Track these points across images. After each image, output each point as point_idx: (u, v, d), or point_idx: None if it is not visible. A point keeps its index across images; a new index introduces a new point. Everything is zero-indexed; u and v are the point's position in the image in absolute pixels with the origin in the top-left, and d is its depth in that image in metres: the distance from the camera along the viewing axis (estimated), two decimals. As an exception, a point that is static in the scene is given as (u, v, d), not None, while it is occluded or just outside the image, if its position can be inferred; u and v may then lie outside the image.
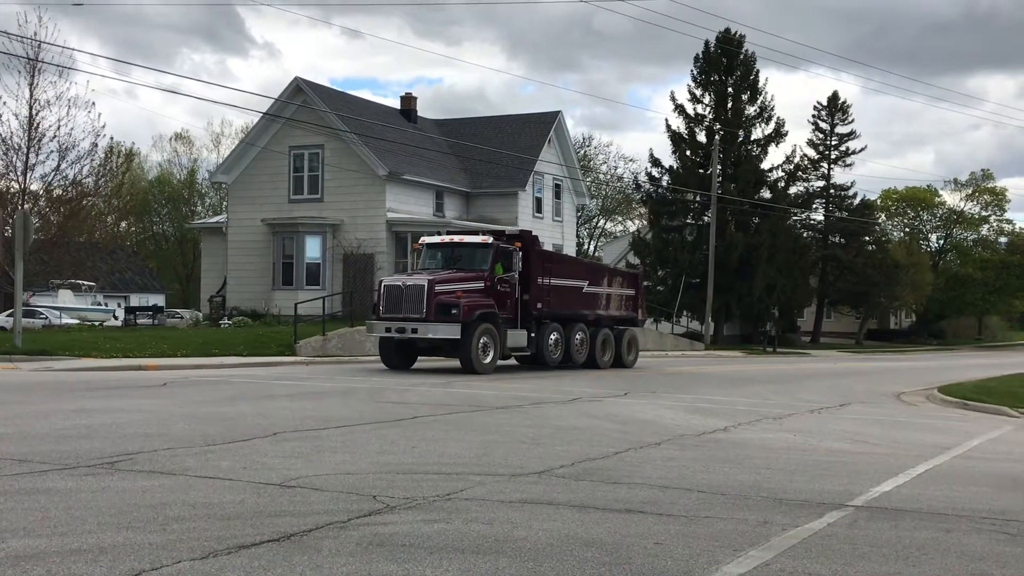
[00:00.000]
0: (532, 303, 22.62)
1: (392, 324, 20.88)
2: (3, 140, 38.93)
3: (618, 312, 26.77)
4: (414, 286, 20.89)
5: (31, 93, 38.52)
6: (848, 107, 68.07)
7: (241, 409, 12.51)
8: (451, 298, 20.57)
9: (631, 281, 28.32)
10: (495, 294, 21.63)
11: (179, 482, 7.12)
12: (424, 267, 22.61)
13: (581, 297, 24.93)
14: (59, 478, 7.15)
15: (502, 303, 21.82)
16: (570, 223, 50.13)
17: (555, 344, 23.45)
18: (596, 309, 25.59)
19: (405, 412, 12.60)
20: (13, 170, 39.26)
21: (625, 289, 27.50)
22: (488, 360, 21.00)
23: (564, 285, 24.09)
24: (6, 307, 37.52)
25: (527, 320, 22.62)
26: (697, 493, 7.40)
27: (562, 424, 11.92)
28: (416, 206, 40.42)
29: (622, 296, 27.17)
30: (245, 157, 41.68)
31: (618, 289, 27.07)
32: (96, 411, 11.72)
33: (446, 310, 20.41)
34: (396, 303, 20.96)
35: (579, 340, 24.38)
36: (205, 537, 5.48)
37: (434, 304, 20.45)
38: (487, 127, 47.49)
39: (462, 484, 7.38)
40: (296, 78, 40.65)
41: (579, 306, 24.78)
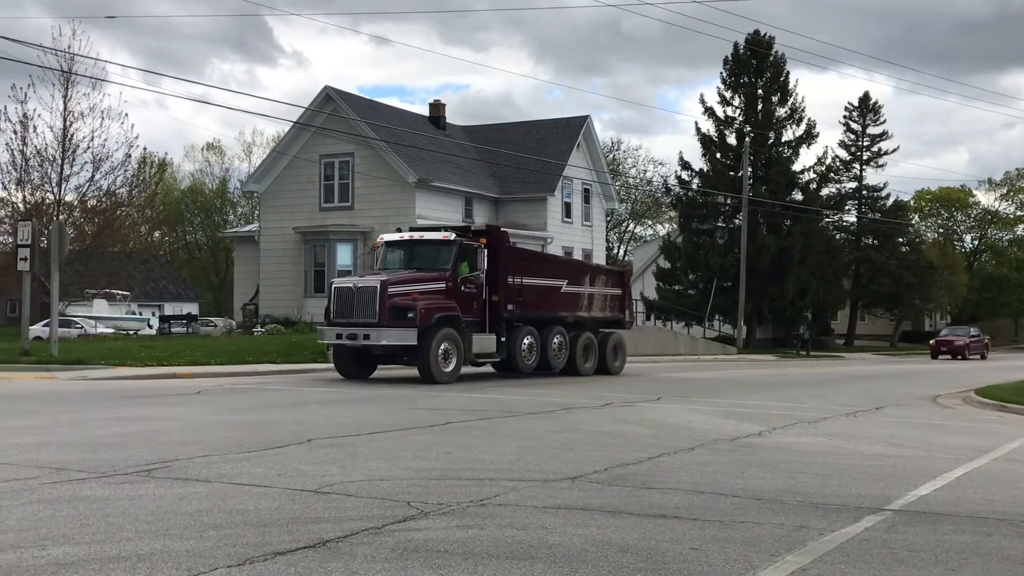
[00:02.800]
0: (502, 305, 20.83)
1: (343, 330, 19.24)
2: (38, 152, 39.54)
3: (602, 314, 24.82)
4: (366, 288, 19.18)
5: (65, 105, 39.12)
6: (880, 107, 67.66)
7: (275, 416, 12.59)
8: (406, 300, 18.89)
9: (617, 280, 26.04)
10: (459, 296, 19.90)
11: (215, 489, 7.17)
12: (384, 267, 20.90)
13: (559, 298, 23.06)
14: (97, 486, 7.22)
15: (467, 305, 20.04)
16: (599, 228, 50.07)
17: (528, 349, 21.66)
18: (576, 311, 23.69)
19: (437, 418, 12.62)
20: (48, 181, 39.86)
21: (610, 289, 25.28)
22: (450, 368, 19.22)
23: (539, 285, 22.35)
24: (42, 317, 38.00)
25: (496, 323, 20.82)
26: (732, 498, 7.36)
27: (594, 429, 11.89)
28: (445, 213, 40.52)
29: (606, 296, 25.04)
30: (276, 166, 42.01)
31: (602, 289, 24.94)
32: (132, 419, 11.84)
33: (401, 314, 18.75)
34: (347, 307, 19.32)
35: (557, 344, 22.55)
36: (242, 544, 5.51)
37: (387, 307, 18.75)
38: (515, 133, 47.57)
39: (495, 490, 7.38)
40: (326, 87, 40.93)
41: (557, 307, 22.99)
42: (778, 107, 54.77)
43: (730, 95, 54.83)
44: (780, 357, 45.79)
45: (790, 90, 54.97)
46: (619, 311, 25.43)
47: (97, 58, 53.94)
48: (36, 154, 39.52)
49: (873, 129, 67.48)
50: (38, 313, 36.80)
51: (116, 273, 45.22)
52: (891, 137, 67.86)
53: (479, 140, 46.25)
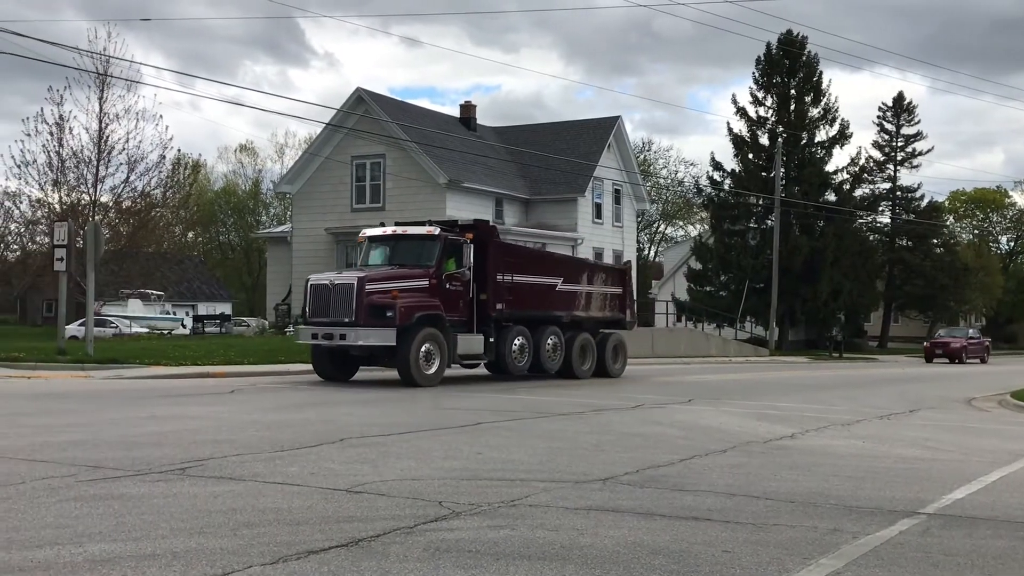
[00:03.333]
0: (490, 303, 19.73)
1: (319, 329, 18.35)
2: (74, 153, 40.01)
3: (601, 313, 23.52)
4: (343, 285, 18.24)
5: (101, 107, 39.56)
6: (914, 107, 67.03)
7: (307, 415, 12.67)
8: (385, 299, 17.85)
9: (617, 278, 24.59)
10: (443, 293, 18.85)
11: (249, 488, 7.23)
12: (367, 263, 19.94)
13: (554, 296, 21.87)
14: (132, 484, 7.30)
15: (452, 304, 19.02)
16: (630, 228, 49.95)
17: (520, 350, 20.46)
18: (573, 310, 22.44)
19: (468, 418, 12.64)
20: (84, 183, 40.34)
21: (610, 287, 23.92)
22: (432, 371, 18.21)
23: (531, 283, 21.14)
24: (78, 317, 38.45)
25: (484, 323, 19.77)
26: (765, 500, 7.31)
27: (625, 431, 11.86)
28: (476, 213, 40.52)
29: (606, 295, 23.70)
30: (308, 167, 42.29)
31: (601, 287, 23.58)
32: (166, 418, 11.95)
33: (379, 312, 17.77)
34: (323, 305, 18.39)
35: (551, 345, 21.40)
36: (275, 542, 5.55)
37: (365, 305, 17.78)
38: (546, 133, 47.58)
39: (527, 490, 7.38)
40: (358, 88, 41.13)
41: (551, 307, 21.79)
42: (811, 107, 54.39)
43: (762, 95, 54.53)
44: (812, 359, 45.43)
45: (823, 90, 54.59)
46: (619, 311, 24.23)
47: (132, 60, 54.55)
48: (72, 155, 40.00)
49: (907, 129, 66.89)
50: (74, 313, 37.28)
51: (150, 273, 45.67)
52: (925, 137, 67.26)
53: (509, 141, 46.30)
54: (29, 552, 5.23)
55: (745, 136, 54.58)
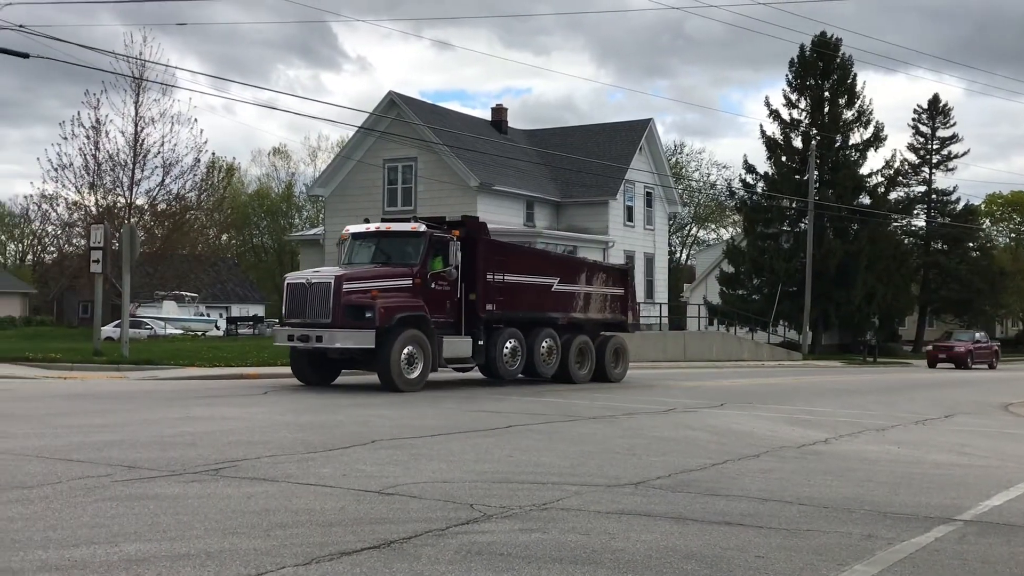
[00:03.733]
0: (480, 304, 18.79)
1: (295, 331, 17.42)
2: (110, 156, 40.48)
3: (600, 315, 22.43)
4: (319, 284, 17.33)
5: (136, 111, 40.00)
6: (950, 110, 66.28)
7: (339, 417, 12.73)
8: (364, 298, 16.98)
9: (618, 278, 23.46)
10: (428, 293, 17.92)
11: (282, 489, 7.27)
12: (350, 262, 19.01)
13: (549, 297, 20.86)
14: (167, 484, 7.36)
15: (438, 304, 18.13)
16: (662, 231, 49.78)
17: (512, 353, 19.53)
18: (570, 311, 21.39)
19: (499, 421, 12.65)
20: (120, 185, 40.79)
21: (610, 288, 22.85)
22: (415, 375, 17.27)
23: (524, 282, 20.12)
24: (114, 318, 38.89)
25: (473, 325, 18.85)
26: (798, 506, 7.26)
27: (657, 435, 11.82)
28: (507, 216, 40.64)
29: (606, 296, 22.65)
30: (341, 170, 42.52)
31: (601, 288, 22.52)
32: (200, 419, 12.05)
33: (358, 313, 16.91)
34: (300, 305, 17.48)
35: (546, 348, 20.36)
36: (308, 543, 5.58)
37: (342, 306, 16.92)
38: (577, 136, 47.53)
39: (558, 494, 7.38)
40: (390, 92, 41.30)
41: (546, 308, 20.79)
42: (845, 110, 53.98)
43: (796, 97, 54.18)
44: (846, 363, 45.05)
45: (857, 92, 54.16)
46: (621, 312, 23.15)
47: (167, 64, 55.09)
48: (108, 159, 40.47)
49: (943, 132, 66.18)
50: (109, 314, 37.68)
51: (185, 275, 46.11)
52: (961, 140, 66.52)
53: (541, 144, 46.30)
54: (66, 551, 5.29)
55: (778, 139, 54.24)
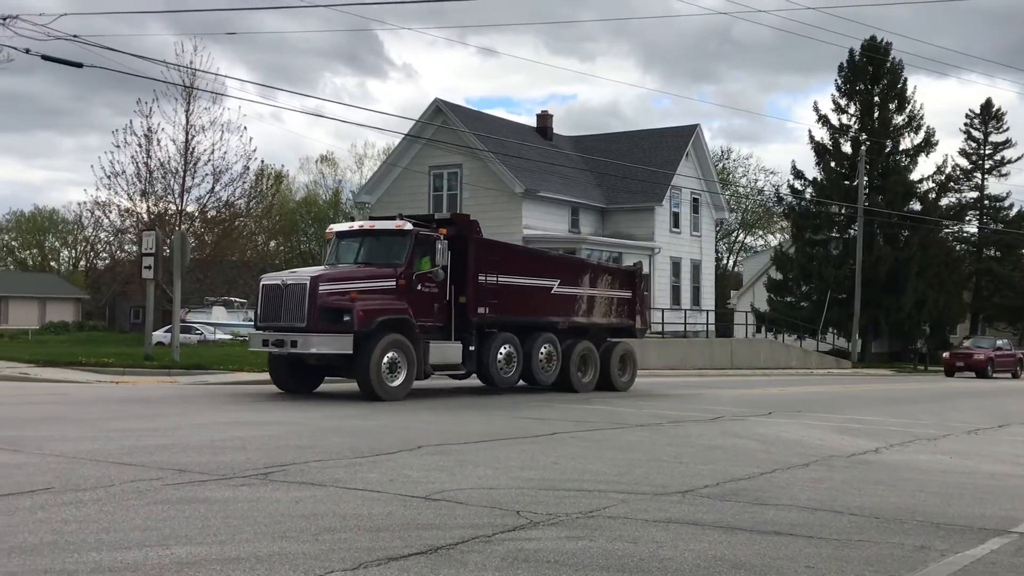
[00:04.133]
0: (471, 307, 17.78)
1: (270, 335, 16.44)
2: (162, 164, 41.08)
3: (606, 320, 21.31)
4: (295, 285, 16.37)
5: (187, 119, 40.55)
6: (1003, 114, 65.09)
7: (385, 422, 12.79)
8: (341, 301, 15.99)
9: (625, 281, 22.17)
10: (413, 296, 16.92)
11: (329, 493, 7.32)
12: (334, 262, 18.21)
13: (548, 300, 19.73)
14: (217, 488, 7.45)
15: (424, 308, 17.14)
16: (708, 237, 49.47)
17: (506, 360, 18.47)
18: (571, 315, 20.27)
19: (544, 428, 12.64)
20: (171, 193, 41.38)
21: (616, 291, 21.65)
22: (397, 383, 16.31)
23: (521, 284, 19.07)
24: (164, 323, 39.42)
25: (464, 329, 17.83)
26: (849, 516, 7.16)
27: (704, 443, 11.73)
28: (552, 222, 40.64)
29: (612, 300, 21.47)
30: (387, 177, 42.80)
31: (606, 291, 21.34)
32: (249, 423, 12.18)
33: (335, 316, 15.95)
34: (275, 308, 16.54)
35: (544, 355, 19.34)
36: (355, 548, 5.61)
37: (318, 308, 15.92)
38: (623, 142, 47.41)
39: (605, 502, 7.35)
40: (436, 99, 41.51)
41: (545, 312, 19.66)
42: (895, 115, 53.28)
43: (845, 103, 53.60)
44: (896, 371, 44.43)
45: (908, 97, 53.44)
46: (628, 317, 21.96)
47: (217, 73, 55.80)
48: (160, 166, 41.07)
49: (996, 136, 65.01)
50: (160, 319, 38.23)
51: (234, 281, 46.64)
52: (1015, 145, 65.24)
53: (586, 150, 46.25)
54: (119, 553, 5.37)
55: (827, 144, 53.68)
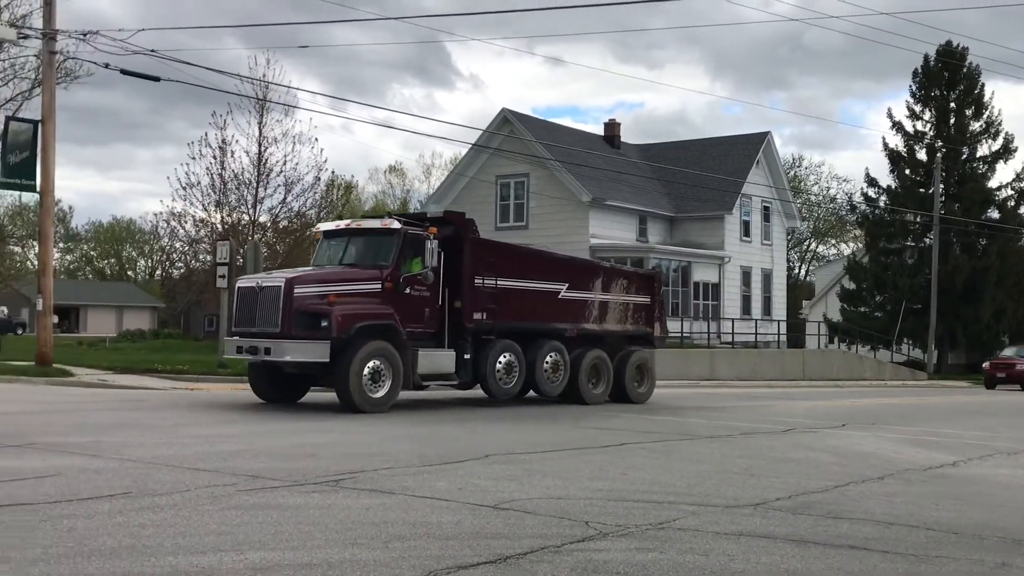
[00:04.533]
0: (466, 313, 16.60)
1: (244, 341, 15.40)
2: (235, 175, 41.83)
3: (620, 327, 19.83)
4: (270, 288, 15.25)
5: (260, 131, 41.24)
6: (1087, 118, 63.16)
7: (455, 431, 12.86)
8: (318, 305, 14.83)
9: (643, 286, 20.64)
10: (401, 300, 15.72)
11: (399, 501, 7.38)
12: (320, 264, 17.21)
13: (555, 305, 18.43)
14: (289, 494, 7.55)
15: (414, 313, 15.95)
16: (780, 246, 48.82)
17: (506, 369, 17.20)
18: (581, 322, 18.89)
19: (611, 439, 12.58)
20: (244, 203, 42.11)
21: (634, 296, 20.18)
22: (380, 393, 15.13)
23: (522, 288, 17.78)
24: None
25: (459, 336, 16.65)
26: (925, 531, 7.01)
27: (776, 455, 11.57)
28: (619, 231, 40.48)
29: (627, 306, 19.99)
30: (454, 187, 43.05)
31: (621, 296, 19.84)
32: (320, 431, 12.34)
33: (311, 321, 14.76)
34: (249, 312, 15.45)
35: (550, 364, 18.00)
36: (425, 556, 5.65)
37: (293, 313, 14.77)
38: (691, 150, 47.03)
39: (674, 513, 7.29)
40: (503, 109, 41.66)
41: (552, 318, 18.35)
42: (972, 121, 52.04)
43: (920, 109, 52.53)
44: (974, 384, 43.28)
45: (985, 103, 52.16)
46: (646, 324, 20.47)
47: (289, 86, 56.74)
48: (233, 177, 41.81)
49: (1079, 142, 63.14)
50: (233, 328, 38.78)
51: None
52: (1098, 150, 63.24)
53: (654, 158, 45.99)
54: (194, 557, 5.48)
55: (901, 151, 52.65)
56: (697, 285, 41.06)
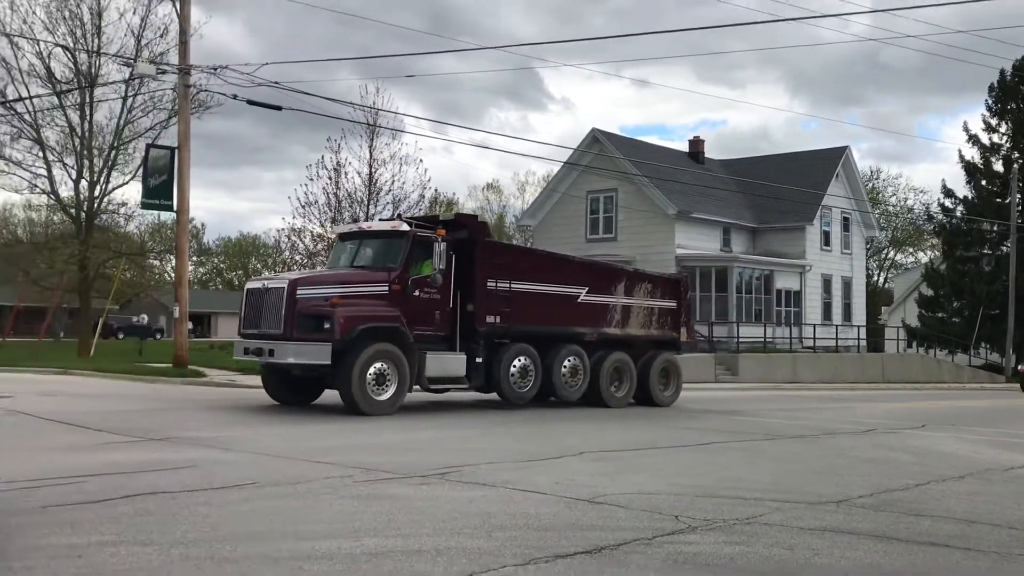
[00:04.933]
0: (478, 316, 15.57)
1: (250, 343, 14.63)
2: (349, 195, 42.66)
3: (643, 331, 18.41)
4: (275, 290, 14.42)
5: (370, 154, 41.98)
6: None
7: (551, 428, 12.86)
8: (320, 307, 13.96)
9: (668, 289, 19.19)
10: (409, 302, 14.74)
11: (500, 494, 7.40)
12: (333, 266, 16.48)
13: (574, 309, 17.22)
14: (399, 486, 7.65)
15: (423, 315, 14.89)
16: (859, 255, 47.58)
17: (521, 373, 16.04)
18: (601, 326, 17.61)
19: (698, 438, 12.41)
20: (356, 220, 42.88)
21: (659, 300, 18.78)
22: (385, 396, 14.14)
23: (538, 292, 16.61)
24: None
25: (470, 339, 15.62)
26: (1008, 529, 6.72)
27: (857, 455, 11.25)
28: (704, 242, 39.96)
29: (652, 309, 18.61)
30: (547, 202, 43.10)
31: (645, 300, 18.48)
32: (423, 427, 12.47)
33: (313, 323, 13.90)
34: (256, 314, 14.65)
35: (569, 368, 16.81)
36: (525, 545, 5.65)
37: (295, 314, 13.94)
38: (772, 165, 46.22)
39: (760, 509, 7.15)
40: (593, 129, 41.57)
41: (569, 321, 17.10)
42: (1049, 132, 49.90)
43: (996, 122, 50.59)
44: (1054, 387, 41.41)
45: (1063, 114, 49.98)
46: (672, 329, 19.03)
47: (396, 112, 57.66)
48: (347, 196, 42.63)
49: None
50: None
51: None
52: None
53: (737, 172, 45.31)
54: (315, 543, 5.59)
55: (977, 163, 50.80)
56: (779, 292, 40.32)
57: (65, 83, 32.95)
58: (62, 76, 33.01)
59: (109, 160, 34.13)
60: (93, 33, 32.92)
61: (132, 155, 34.24)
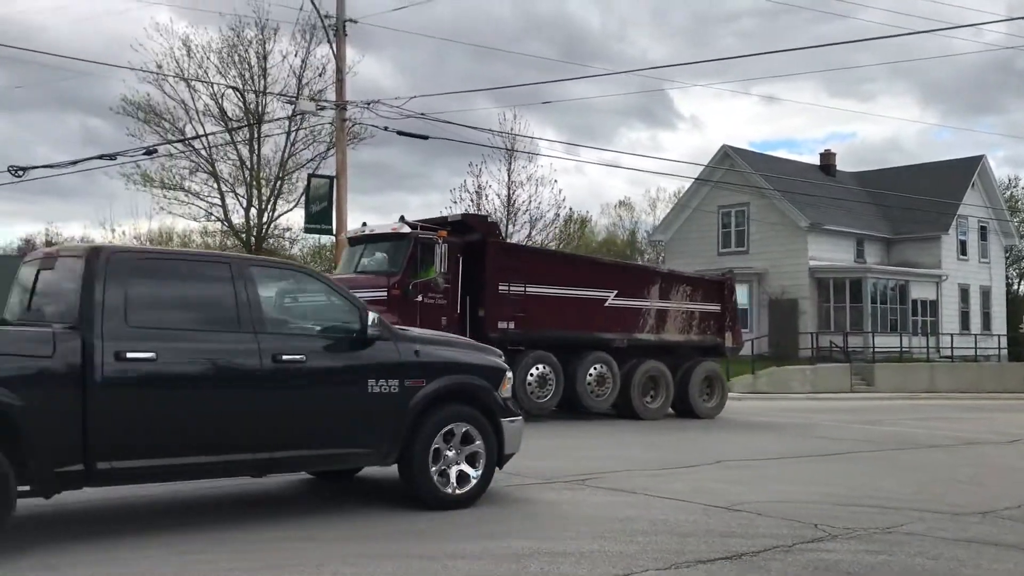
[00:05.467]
0: (489, 321, 14.16)
1: None
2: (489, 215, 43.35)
3: (682, 336, 16.65)
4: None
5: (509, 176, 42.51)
6: None
7: (687, 437, 12.66)
8: None
9: (712, 293, 17.29)
10: (412, 308, 13.59)
11: (639, 500, 7.32)
12: (339, 273, 15.43)
13: (600, 314, 15.56)
14: (538, 491, 7.67)
15: (427, 321, 13.40)
16: (998, 263, 44.88)
17: (539, 382, 14.48)
18: (633, 332, 15.91)
19: (836, 447, 11.94)
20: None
21: (699, 304, 16.94)
22: None
23: (558, 296, 15.03)
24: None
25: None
26: None
27: (1002, 464, 10.59)
28: (837, 253, 38.55)
29: (692, 314, 16.83)
30: (679, 217, 42.54)
31: (684, 304, 16.71)
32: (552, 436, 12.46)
33: None
34: None
35: (595, 377, 15.11)
36: (665, 550, 5.57)
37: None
38: (905, 175, 44.20)
39: (901, 519, 6.82)
40: (723, 145, 40.83)
41: (594, 327, 15.45)
42: None
43: None
44: None
45: None
46: (716, 334, 17.14)
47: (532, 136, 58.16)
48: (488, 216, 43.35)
49: None
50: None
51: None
52: None
53: (868, 184, 43.54)
54: (461, 544, 5.66)
55: (1126, 166, 47.23)
56: (915, 302, 38.49)
57: (236, 121, 34.76)
58: (233, 114, 34.85)
59: (275, 189, 35.75)
60: (259, 75, 34.61)
61: (295, 184, 35.72)
